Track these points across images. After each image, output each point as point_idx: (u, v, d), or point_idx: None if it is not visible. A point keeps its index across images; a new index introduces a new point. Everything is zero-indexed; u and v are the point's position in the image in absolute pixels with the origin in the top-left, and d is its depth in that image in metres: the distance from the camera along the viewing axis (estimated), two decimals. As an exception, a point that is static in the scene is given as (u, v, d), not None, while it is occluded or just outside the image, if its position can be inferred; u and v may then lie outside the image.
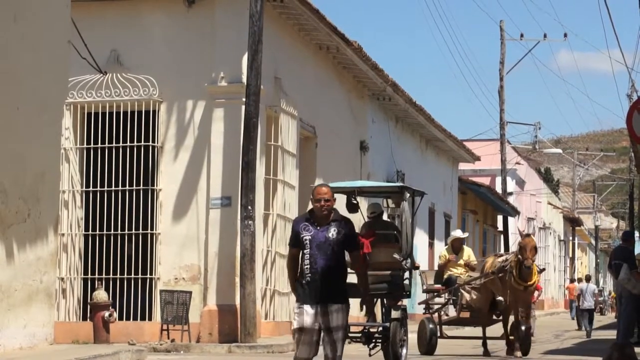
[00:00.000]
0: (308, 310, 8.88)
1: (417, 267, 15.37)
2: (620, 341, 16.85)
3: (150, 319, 18.14)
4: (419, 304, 21.96)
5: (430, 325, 17.67)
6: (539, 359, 16.97)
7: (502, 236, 44.64)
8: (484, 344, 17.89)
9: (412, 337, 15.41)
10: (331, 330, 8.96)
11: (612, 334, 24.39)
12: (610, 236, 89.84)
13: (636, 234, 41.17)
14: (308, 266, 8.87)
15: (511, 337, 17.56)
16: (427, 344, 17.69)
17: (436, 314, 18.39)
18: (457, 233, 19.29)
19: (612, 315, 48.80)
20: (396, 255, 14.24)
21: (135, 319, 18.14)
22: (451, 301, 18.15)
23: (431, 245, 33.16)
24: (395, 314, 14.01)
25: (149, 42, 18.59)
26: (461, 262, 18.50)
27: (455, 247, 18.69)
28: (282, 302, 19.47)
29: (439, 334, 17.94)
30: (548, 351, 19.04)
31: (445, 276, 18.50)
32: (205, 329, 17.69)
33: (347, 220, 8.99)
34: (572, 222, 68.03)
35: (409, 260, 14.41)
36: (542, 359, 17.04)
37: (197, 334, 17.61)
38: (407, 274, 14.58)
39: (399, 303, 14.45)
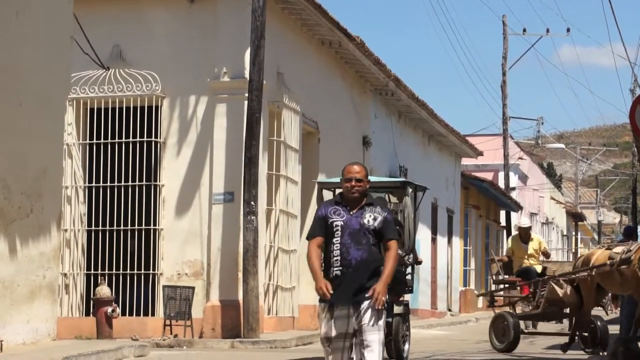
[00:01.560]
0: (339, 313, 7.56)
1: (420, 262, 15.38)
2: (624, 336, 16.83)
3: (153, 314, 18.14)
4: (479, 295, 21.56)
5: (513, 319, 16.53)
6: (542, 354, 16.96)
7: (504, 231, 44.61)
8: (572, 340, 16.46)
9: (415, 332, 15.42)
10: (366, 331, 7.53)
11: (615, 329, 24.36)
12: (613, 231, 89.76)
13: (639, 229, 41.16)
14: (338, 258, 7.54)
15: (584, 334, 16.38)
16: (511, 341, 16.49)
17: (503, 308, 17.55)
18: (522, 222, 18.78)
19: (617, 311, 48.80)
20: (399, 251, 14.25)
21: (138, 314, 18.14)
22: (535, 294, 16.67)
23: (434, 240, 33.15)
24: (397, 309, 14.03)
25: (151, 38, 18.58)
26: (531, 251, 17.82)
27: (523, 237, 18.21)
28: (285, 298, 19.47)
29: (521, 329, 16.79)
30: (551, 346, 19.02)
31: (515, 267, 17.71)
32: (208, 324, 17.70)
33: (384, 203, 8.25)
34: (574, 217, 68.00)
35: (411, 256, 14.43)
36: (545, 354, 17.03)
37: (200, 329, 17.61)
38: (409, 269, 14.60)
39: (402, 298, 14.47)
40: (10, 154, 12.92)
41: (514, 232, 18.44)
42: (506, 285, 17.89)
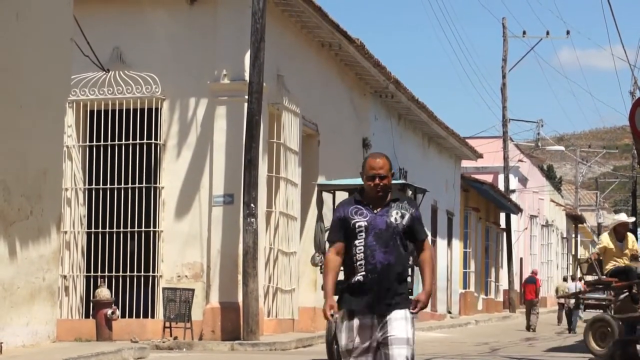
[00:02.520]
0: (361, 322, 6.66)
1: None
2: (622, 338, 16.82)
3: (152, 316, 18.14)
4: (559, 297, 20.74)
5: (615, 323, 15.24)
6: (541, 357, 16.97)
7: (504, 234, 44.62)
8: None
9: (420, 334, 15.41)
10: (392, 344, 6.61)
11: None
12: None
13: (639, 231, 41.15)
14: (362, 262, 6.62)
15: None
16: (615, 346, 15.24)
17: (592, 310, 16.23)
18: (621, 216, 16.58)
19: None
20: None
21: (137, 316, 18.14)
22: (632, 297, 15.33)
23: (434, 242, 33.13)
24: None
25: (151, 40, 18.58)
26: (627, 251, 15.78)
27: (619, 234, 15.92)
28: (285, 300, 19.47)
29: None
30: (550, 348, 19.03)
31: (608, 267, 15.77)
32: (208, 326, 17.70)
33: (410, 198, 6.97)
34: (574, 219, 68.00)
35: (411, 258, 14.44)
36: (544, 357, 17.04)
37: (200, 331, 17.61)
38: (410, 271, 14.62)
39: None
40: (10, 156, 12.92)
41: (607, 229, 16.05)
42: (596, 287, 16.23)
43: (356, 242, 6.66)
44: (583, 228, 73.12)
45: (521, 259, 50.99)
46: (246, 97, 17.54)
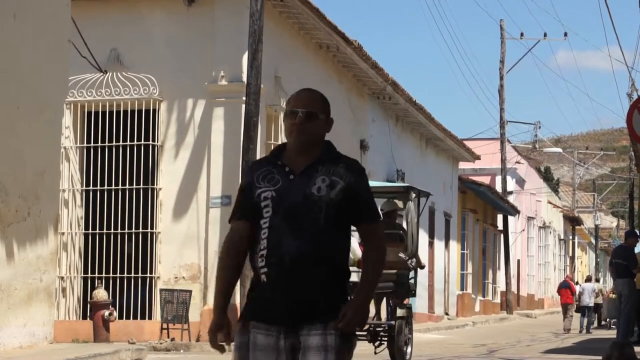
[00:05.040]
0: (263, 339, 4.52)
1: (423, 267, 15.40)
2: (620, 340, 16.85)
3: (150, 317, 18.13)
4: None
5: None
6: (539, 358, 16.98)
7: (502, 235, 44.64)
8: None
9: (417, 336, 15.47)
10: None
11: (612, 333, 24.40)
12: (610, 235, 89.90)
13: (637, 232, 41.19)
14: (265, 252, 4.49)
15: None
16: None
17: None
18: None
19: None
20: (402, 255, 14.31)
21: (135, 317, 18.14)
22: None
23: (431, 244, 33.14)
24: (400, 312, 14.11)
25: (149, 41, 18.58)
26: None
27: None
28: (282, 301, 19.46)
29: None
30: (548, 350, 19.04)
31: None
32: (206, 327, 17.60)
33: (351, 162, 4.68)
34: (572, 221, 68.03)
35: (414, 260, 14.47)
36: (542, 358, 17.04)
37: (197, 332, 17.60)
38: (412, 273, 14.67)
39: (405, 302, 14.58)
40: (8, 157, 12.92)
41: None
42: None
43: (261, 222, 4.52)
44: (580, 230, 73.13)
45: (518, 260, 51.00)
46: (244, 98, 17.54)
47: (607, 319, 33.65)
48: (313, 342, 4.47)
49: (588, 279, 35.42)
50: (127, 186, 18.34)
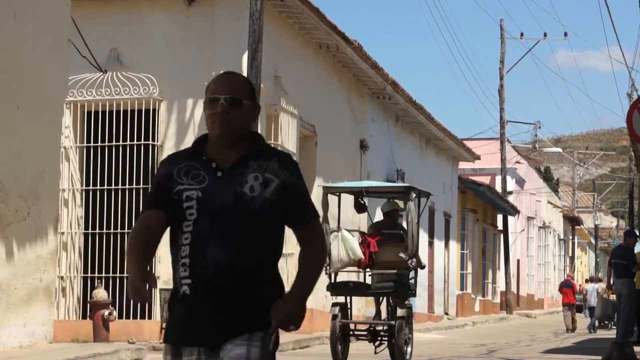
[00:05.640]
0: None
1: (423, 267, 15.43)
2: (619, 340, 16.85)
3: (150, 317, 18.12)
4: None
5: None
6: (538, 358, 16.97)
7: (501, 235, 44.65)
8: None
9: (417, 335, 15.48)
10: None
11: (611, 333, 24.41)
12: (610, 235, 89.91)
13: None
14: (187, 260, 4.03)
15: None
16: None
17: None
18: None
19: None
20: (402, 255, 14.32)
21: (135, 317, 18.13)
22: None
23: (431, 244, 33.15)
24: (401, 312, 14.13)
25: (149, 41, 18.58)
26: None
27: None
28: (282, 301, 19.45)
29: None
30: (548, 350, 19.03)
31: None
32: (205, 327, 17.67)
33: (284, 156, 4.20)
34: (571, 221, 68.04)
35: (414, 260, 14.48)
36: (542, 358, 17.04)
37: (197, 332, 17.58)
38: (412, 273, 14.67)
39: (405, 302, 14.60)
40: (7, 157, 12.92)
41: None
42: None
43: (183, 226, 4.02)
44: (580, 230, 73.16)
45: (518, 260, 51.01)
46: (244, 98, 17.52)
47: (598, 320, 33.05)
48: (234, 353, 3.95)
49: (591, 280, 35.68)
50: (127, 186, 18.33)
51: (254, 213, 4.01)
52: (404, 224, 15.22)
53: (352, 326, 14.71)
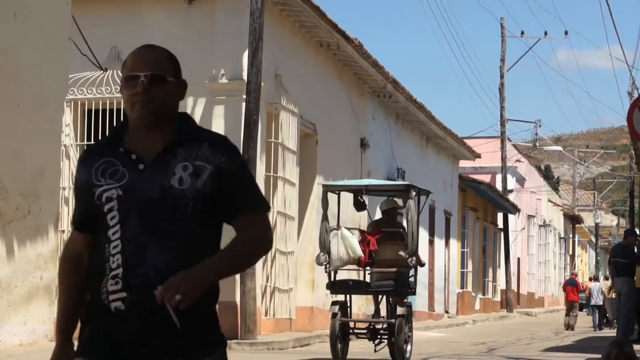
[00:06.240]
0: None
1: (423, 265, 15.45)
2: (619, 338, 16.86)
3: (150, 315, 18.13)
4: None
5: None
6: (539, 356, 16.98)
7: (502, 233, 44.65)
8: None
9: (417, 334, 15.50)
10: None
11: (614, 332, 24.41)
12: (610, 234, 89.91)
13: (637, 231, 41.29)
14: (119, 272, 3.37)
15: None
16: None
17: None
18: None
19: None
20: (402, 253, 14.32)
21: (135, 315, 18.13)
22: None
23: (431, 242, 33.16)
24: (400, 310, 14.14)
25: (149, 39, 18.40)
26: None
27: None
28: (282, 299, 19.47)
29: None
30: (548, 348, 19.04)
31: None
32: (205, 325, 17.68)
33: (218, 138, 3.62)
34: (572, 219, 68.04)
35: (414, 258, 14.49)
36: (542, 356, 17.04)
37: (197, 330, 17.59)
38: (412, 272, 14.68)
39: (405, 300, 14.61)
40: (8, 155, 12.92)
41: None
42: None
43: (109, 232, 3.39)
44: (580, 228, 73.16)
45: (519, 259, 51.02)
46: (244, 96, 17.54)
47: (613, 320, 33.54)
48: None
49: (595, 278, 35.82)
50: (128, 184, 18.33)
51: (186, 209, 3.38)
52: (404, 222, 15.24)
53: (352, 324, 14.72)
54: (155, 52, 3.74)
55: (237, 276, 17.46)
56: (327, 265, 14.31)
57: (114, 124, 18.91)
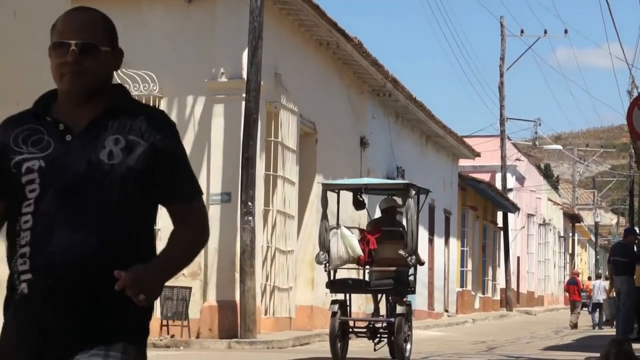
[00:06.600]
0: None
1: (423, 263, 15.45)
2: (619, 337, 16.87)
3: (150, 314, 18.13)
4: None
5: None
6: (538, 355, 16.99)
7: (501, 232, 44.66)
8: None
9: (416, 333, 15.51)
10: None
11: (611, 331, 24.43)
12: (610, 232, 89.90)
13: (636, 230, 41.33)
14: (27, 250, 3.03)
15: None
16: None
17: None
18: None
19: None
20: (401, 252, 14.33)
21: (135, 314, 18.14)
22: None
23: (431, 241, 33.17)
24: (400, 309, 14.14)
25: (149, 38, 18.58)
26: None
27: None
28: (282, 298, 19.48)
29: None
30: (547, 347, 19.05)
31: None
32: (205, 324, 17.71)
33: (156, 113, 3.29)
34: (572, 218, 68.05)
35: (413, 257, 14.48)
36: (541, 355, 17.06)
37: (197, 329, 17.61)
38: (411, 271, 14.68)
39: (404, 299, 14.61)
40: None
41: None
42: None
43: (23, 205, 3.08)
44: (580, 227, 73.17)
45: (518, 257, 51.04)
46: (244, 95, 17.54)
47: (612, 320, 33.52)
48: None
49: (598, 276, 35.94)
50: (127, 183, 18.34)
51: (114, 186, 3.07)
52: (404, 221, 15.24)
53: (351, 323, 14.73)
54: (89, 15, 3.41)
55: (237, 275, 17.46)
56: (327, 264, 14.31)
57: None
